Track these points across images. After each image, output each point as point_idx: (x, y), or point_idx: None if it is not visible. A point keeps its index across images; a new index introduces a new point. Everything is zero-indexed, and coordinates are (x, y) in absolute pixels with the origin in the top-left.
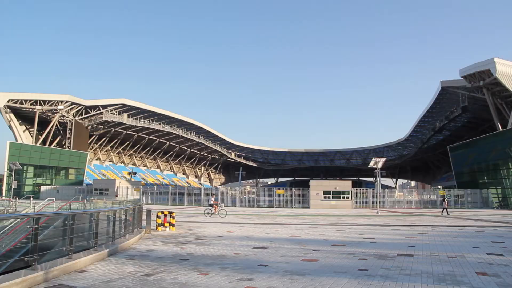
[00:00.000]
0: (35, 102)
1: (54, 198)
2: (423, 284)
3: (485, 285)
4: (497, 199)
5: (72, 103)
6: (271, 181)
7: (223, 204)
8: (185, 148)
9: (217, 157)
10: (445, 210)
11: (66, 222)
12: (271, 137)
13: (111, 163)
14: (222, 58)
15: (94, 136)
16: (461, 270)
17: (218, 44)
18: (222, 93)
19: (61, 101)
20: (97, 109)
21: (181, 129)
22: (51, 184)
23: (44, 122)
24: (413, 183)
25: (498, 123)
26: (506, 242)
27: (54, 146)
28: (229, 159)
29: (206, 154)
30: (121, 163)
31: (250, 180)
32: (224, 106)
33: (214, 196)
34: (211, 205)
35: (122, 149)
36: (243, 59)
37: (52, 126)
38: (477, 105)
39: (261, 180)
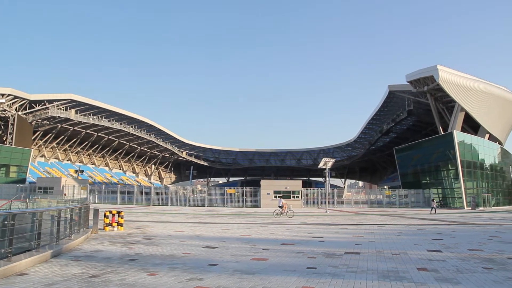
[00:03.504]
0: None
1: None
2: (369, 281)
3: (425, 280)
4: (437, 198)
5: (15, 97)
6: (222, 180)
7: (291, 205)
8: (135, 146)
9: (168, 155)
10: (433, 209)
11: (6, 222)
12: (223, 136)
13: (56, 160)
14: (173, 57)
15: (38, 132)
16: (404, 266)
17: (169, 44)
18: (173, 91)
19: (2, 94)
20: (42, 104)
21: (132, 127)
22: None
23: None
24: (361, 183)
25: (440, 127)
26: (445, 239)
27: None
28: (180, 158)
29: (156, 152)
30: (67, 160)
31: (201, 179)
32: (176, 105)
33: (281, 198)
34: (280, 207)
35: (68, 146)
36: (195, 56)
37: None
38: (422, 109)
39: (212, 179)
